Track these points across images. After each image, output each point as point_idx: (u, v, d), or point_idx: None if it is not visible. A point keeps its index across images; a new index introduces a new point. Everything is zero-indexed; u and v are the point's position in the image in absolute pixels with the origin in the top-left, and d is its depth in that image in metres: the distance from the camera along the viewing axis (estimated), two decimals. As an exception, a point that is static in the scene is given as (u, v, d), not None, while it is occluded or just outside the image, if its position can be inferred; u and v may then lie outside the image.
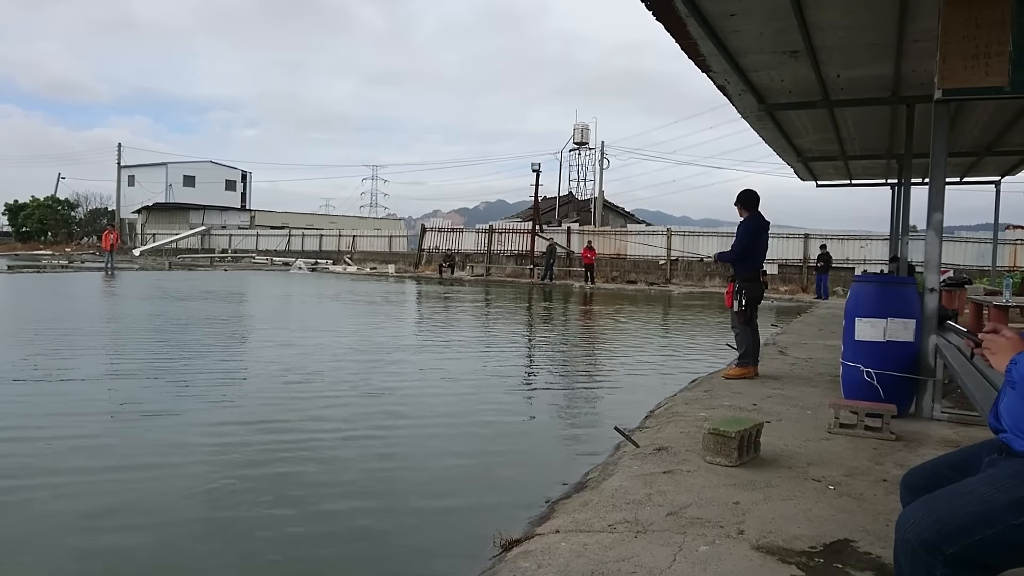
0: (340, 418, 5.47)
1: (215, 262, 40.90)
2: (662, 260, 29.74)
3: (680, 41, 5.84)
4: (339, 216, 64.45)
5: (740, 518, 3.03)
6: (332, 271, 35.17)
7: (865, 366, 5.02)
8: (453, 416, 5.67)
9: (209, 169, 61.52)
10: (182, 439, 4.80)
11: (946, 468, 2.03)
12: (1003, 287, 8.44)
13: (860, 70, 6.97)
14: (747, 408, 5.25)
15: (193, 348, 8.95)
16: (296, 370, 7.48)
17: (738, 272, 6.77)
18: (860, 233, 27.26)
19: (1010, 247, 23.55)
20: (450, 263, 32.41)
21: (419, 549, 3.24)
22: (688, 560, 2.61)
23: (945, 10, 4.38)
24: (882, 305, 5.11)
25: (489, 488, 4.10)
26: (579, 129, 46.27)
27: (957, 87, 4.40)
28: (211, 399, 6.02)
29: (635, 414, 5.51)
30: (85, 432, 4.89)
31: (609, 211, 39.49)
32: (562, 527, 3.02)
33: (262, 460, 4.37)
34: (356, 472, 4.24)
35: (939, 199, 4.80)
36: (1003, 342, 1.88)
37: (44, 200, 58.97)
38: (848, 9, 5.45)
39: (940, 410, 5.02)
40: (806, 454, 4.05)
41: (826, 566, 2.60)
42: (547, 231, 32.67)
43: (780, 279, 26.45)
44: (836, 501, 3.29)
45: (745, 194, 6.77)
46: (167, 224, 52.23)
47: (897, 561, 1.79)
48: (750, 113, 8.68)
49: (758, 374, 6.69)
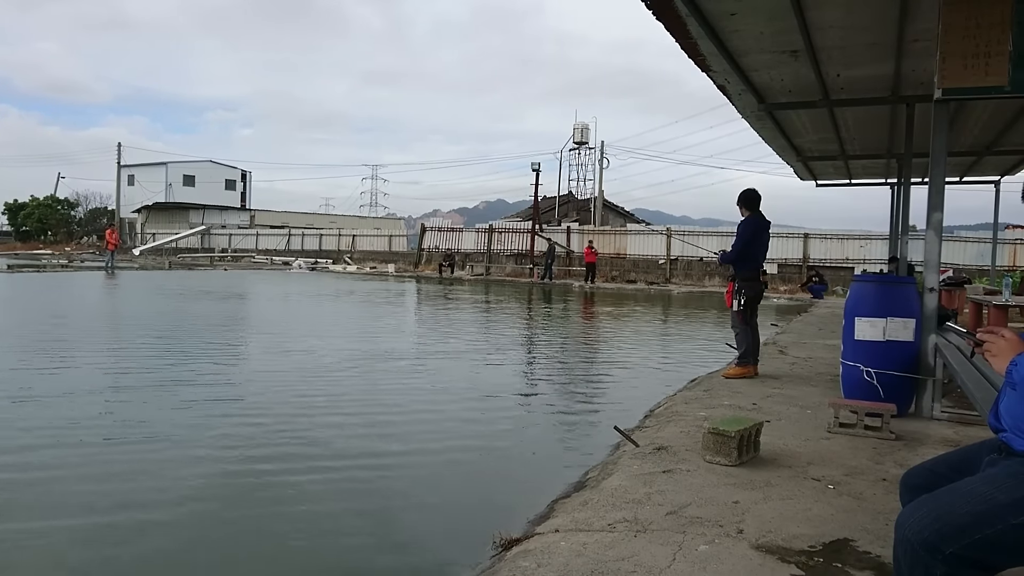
0: (340, 417, 5.47)
1: (215, 261, 40.89)
2: (662, 260, 29.75)
3: (680, 41, 5.84)
4: (339, 216, 64.41)
5: (740, 517, 3.04)
6: (332, 270, 35.17)
7: (865, 366, 5.02)
8: (452, 415, 5.66)
9: (209, 169, 61.48)
10: (177, 444, 4.80)
11: (946, 468, 2.03)
12: (1003, 287, 8.44)
13: (860, 70, 6.97)
14: (747, 407, 5.25)
15: (191, 350, 8.94)
16: (296, 369, 7.48)
17: (738, 272, 6.77)
18: (860, 233, 27.26)
19: (1009, 247, 23.54)
20: (450, 262, 32.41)
21: (419, 548, 3.24)
22: (688, 559, 2.61)
23: (945, 10, 4.38)
24: (882, 305, 5.12)
25: (488, 487, 4.10)
26: (579, 129, 46.27)
27: (957, 87, 4.40)
28: (210, 400, 6.01)
29: (635, 414, 5.51)
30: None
31: (609, 211, 39.49)
32: (562, 526, 3.02)
33: (260, 456, 4.37)
34: (355, 471, 4.24)
35: (939, 199, 4.80)
36: (1003, 343, 1.88)
37: (44, 200, 58.97)
38: (848, 9, 5.45)
39: (940, 410, 5.02)
40: (806, 453, 4.06)
41: (826, 565, 2.61)
42: (547, 231, 32.66)
43: (780, 279, 26.46)
44: (836, 500, 3.29)
45: (746, 194, 6.78)
46: (167, 224, 52.22)
47: (897, 560, 1.79)
48: (750, 113, 8.67)
49: (758, 373, 6.70)
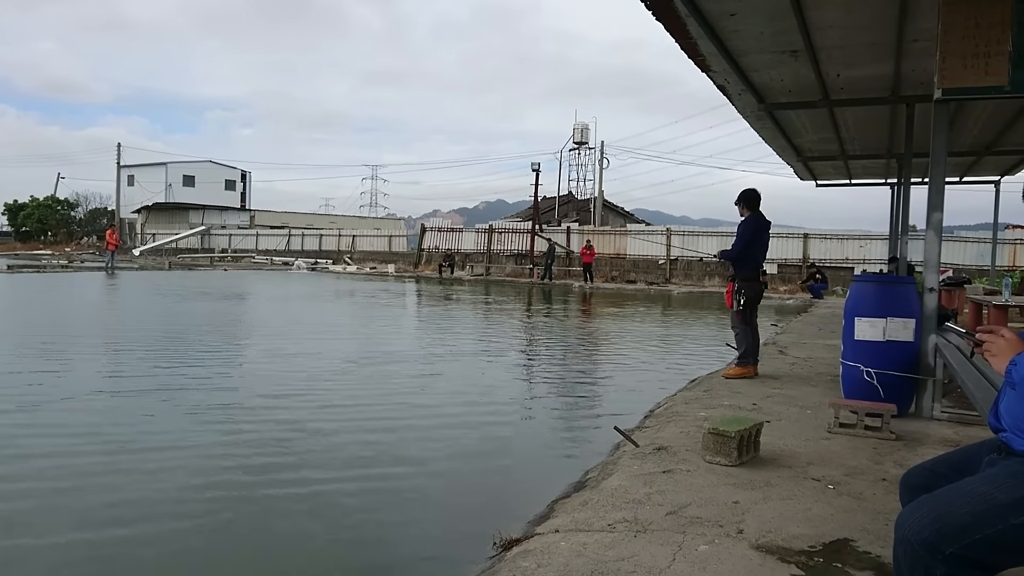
0: (339, 416, 5.47)
1: (215, 262, 40.88)
2: (662, 260, 29.73)
3: (680, 41, 5.84)
4: (339, 216, 64.39)
5: (740, 517, 3.04)
6: (332, 271, 35.16)
7: (865, 366, 5.01)
8: (451, 415, 5.66)
9: (209, 169, 61.46)
10: (168, 452, 4.80)
11: (946, 468, 2.03)
12: (1002, 287, 8.45)
13: (860, 70, 6.97)
14: (747, 408, 5.25)
15: (191, 350, 8.94)
16: (296, 369, 7.48)
17: (738, 272, 6.77)
18: (860, 233, 27.25)
19: (1009, 247, 23.53)
20: (450, 263, 32.39)
21: (418, 548, 3.24)
22: (687, 559, 2.61)
23: (945, 10, 4.38)
24: (882, 305, 5.11)
25: (488, 487, 4.10)
26: (579, 129, 46.27)
27: (957, 87, 4.40)
28: (209, 400, 6.02)
29: (635, 414, 5.51)
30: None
31: (609, 211, 39.47)
32: (562, 526, 3.02)
33: (260, 456, 4.37)
34: (354, 471, 4.24)
35: (939, 198, 4.80)
36: (1003, 343, 1.88)
37: (44, 200, 58.94)
38: (848, 9, 5.45)
39: (940, 410, 5.02)
40: (806, 453, 4.06)
41: (825, 565, 2.60)
42: (547, 231, 32.63)
43: (780, 279, 26.45)
44: (836, 500, 3.29)
45: (746, 193, 6.78)
46: (167, 224, 52.20)
47: (896, 560, 1.79)
48: (750, 113, 8.68)
49: (758, 374, 6.69)
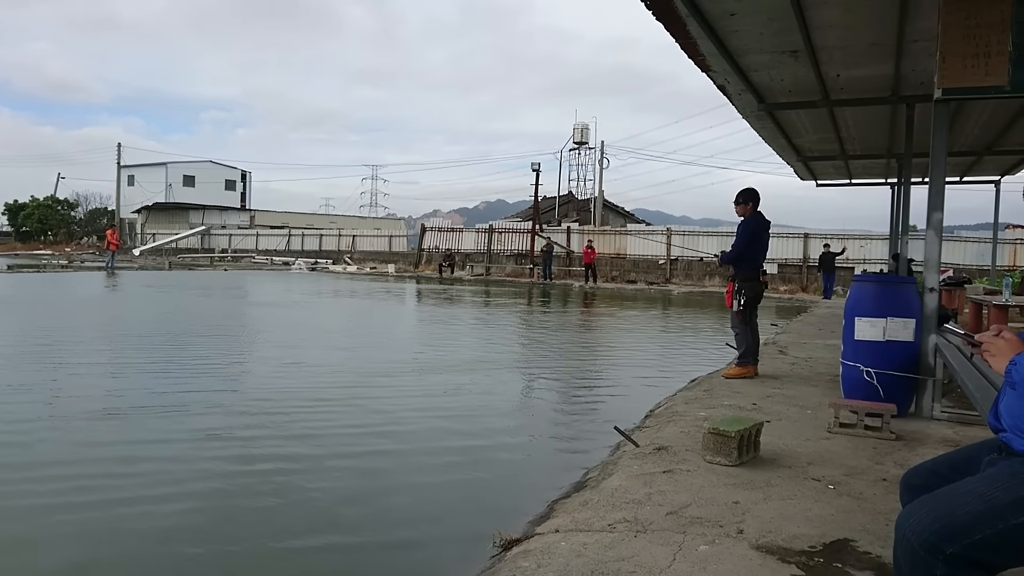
0: (339, 416, 5.47)
1: (215, 262, 40.87)
2: (662, 260, 29.73)
3: (680, 41, 5.83)
4: (339, 216, 64.37)
5: (740, 517, 3.03)
6: (332, 271, 35.16)
7: (865, 366, 5.01)
8: (451, 415, 5.66)
9: (209, 169, 61.47)
10: (180, 452, 4.80)
11: (946, 468, 2.03)
12: (1003, 286, 8.45)
13: (860, 70, 6.97)
14: (747, 407, 5.25)
15: (192, 351, 8.94)
16: (295, 370, 7.48)
17: (738, 272, 6.76)
18: (860, 233, 27.26)
19: (1010, 247, 23.53)
20: (450, 263, 32.39)
21: (418, 548, 3.24)
22: (688, 560, 2.61)
23: (945, 10, 4.38)
24: (882, 304, 5.11)
25: (488, 487, 4.10)
26: (579, 129, 46.26)
27: (957, 87, 4.40)
28: (209, 400, 6.02)
29: (635, 414, 5.51)
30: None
31: (609, 211, 39.48)
32: (562, 526, 3.02)
33: (259, 455, 4.37)
34: (353, 471, 4.24)
35: (939, 198, 4.79)
36: (1002, 344, 1.88)
37: (44, 200, 58.92)
38: (848, 9, 5.44)
39: (940, 410, 5.02)
40: (806, 453, 4.05)
41: (826, 565, 2.60)
42: (547, 231, 32.62)
43: (780, 279, 26.44)
44: (836, 500, 3.29)
45: (745, 193, 6.76)
46: (167, 224, 52.18)
47: (897, 561, 1.79)
48: (750, 113, 8.67)
49: (758, 373, 6.69)
